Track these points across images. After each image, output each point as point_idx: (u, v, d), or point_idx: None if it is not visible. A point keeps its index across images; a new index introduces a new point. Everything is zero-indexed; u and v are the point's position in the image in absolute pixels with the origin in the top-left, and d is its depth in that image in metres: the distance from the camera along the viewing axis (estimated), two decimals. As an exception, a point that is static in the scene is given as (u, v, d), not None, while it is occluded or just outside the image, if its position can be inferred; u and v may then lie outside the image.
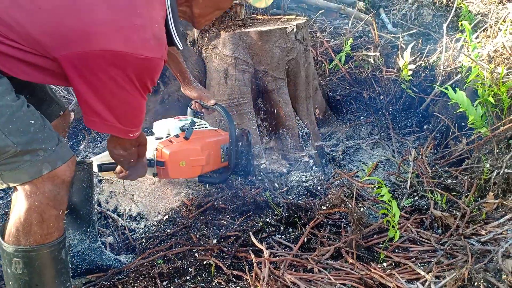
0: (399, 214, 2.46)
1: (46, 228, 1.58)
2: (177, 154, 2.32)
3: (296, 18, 3.13)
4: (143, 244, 2.31)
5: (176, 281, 2.02)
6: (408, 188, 2.69)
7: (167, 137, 2.41)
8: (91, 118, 1.52)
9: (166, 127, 2.46)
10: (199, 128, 2.49)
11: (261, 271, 1.95)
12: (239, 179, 2.60)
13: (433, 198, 2.52)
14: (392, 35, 4.48)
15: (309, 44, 3.07)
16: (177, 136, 2.39)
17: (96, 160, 2.20)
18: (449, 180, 2.73)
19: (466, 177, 2.64)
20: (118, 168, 2.07)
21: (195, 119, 2.53)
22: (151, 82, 1.52)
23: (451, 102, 2.91)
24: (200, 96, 2.45)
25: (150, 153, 2.31)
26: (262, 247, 2.03)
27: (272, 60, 2.80)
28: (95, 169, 2.16)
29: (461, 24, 3.15)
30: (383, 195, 2.13)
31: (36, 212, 1.54)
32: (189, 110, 2.62)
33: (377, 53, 3.92)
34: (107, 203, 2.57)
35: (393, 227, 2.13)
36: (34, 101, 1.60)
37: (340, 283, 1.94)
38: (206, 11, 1.72)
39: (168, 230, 2.35)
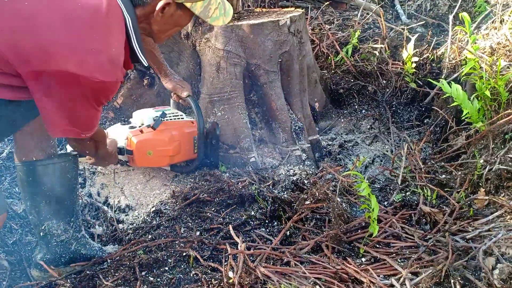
0: (385, 209, 2.45)
1: None
2: (144, 143, 2.39)
3: (294, 10, 3.10)
4: (130, 235, 2.36)
5: (154, 271, 2.06)
6: (399, 183, 2.65)
7: (140, 126, 2.47)
8: (49, 127, 1.62)
9: (141, 117, 2.51)
10: (174, 119, 2.53)
11: (236, 263, 1.96)
12: (227, 173, 2.62)
13: (423, 194, 2.48)
14: (402, 26, 4.38)
15: (304, 37, 3.03)
16: (149, 126, 2.45)
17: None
18: (443, 176, 2.67)
19: (460, 173, 2.58)
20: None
21: (170, 110, 2.57)
22: (106, 99, 1.62)
23: (445, 96, 2.84)
24: (174, 87, 2.52)
25: (122, 142, 2.39)
26: (238, 240, 2.04)
27: (264, 53, 2.79)
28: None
29: (460, 15, 3.05)
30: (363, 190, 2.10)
31: None
32: (171, 101, 2.65)
33: (384, 45, 3.84)
34: (98, 195, 2.63)
35: (372, 221, 2.11)
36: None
37: (314, 277, 1.94)
38: (165, 28, 1.80)
39: (154, 222, 2.38)
